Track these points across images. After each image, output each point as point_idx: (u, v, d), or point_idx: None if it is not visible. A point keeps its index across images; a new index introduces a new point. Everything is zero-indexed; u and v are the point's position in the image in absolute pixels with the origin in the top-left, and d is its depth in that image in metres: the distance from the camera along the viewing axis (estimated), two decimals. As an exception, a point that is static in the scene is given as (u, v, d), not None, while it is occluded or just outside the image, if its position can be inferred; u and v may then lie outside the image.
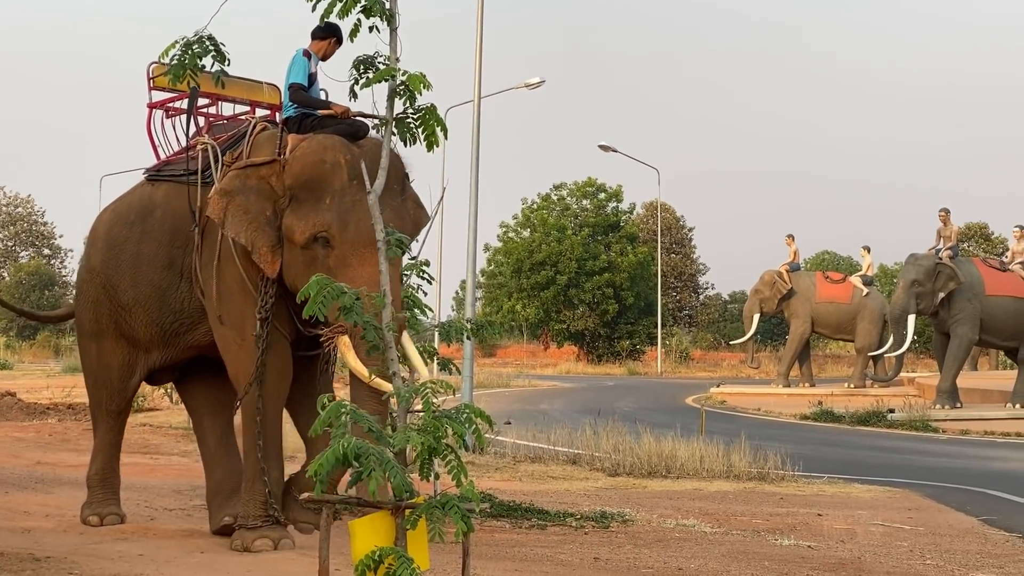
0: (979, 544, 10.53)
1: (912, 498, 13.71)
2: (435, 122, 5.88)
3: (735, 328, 54.35)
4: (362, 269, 8.19)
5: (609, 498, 13.11)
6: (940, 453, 19.32)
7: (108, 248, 9.84)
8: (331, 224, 8.44)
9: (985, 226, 59.85)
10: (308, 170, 8.56)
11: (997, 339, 27.05)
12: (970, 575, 9.00)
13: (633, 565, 9.07)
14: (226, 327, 9.05)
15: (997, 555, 9.94)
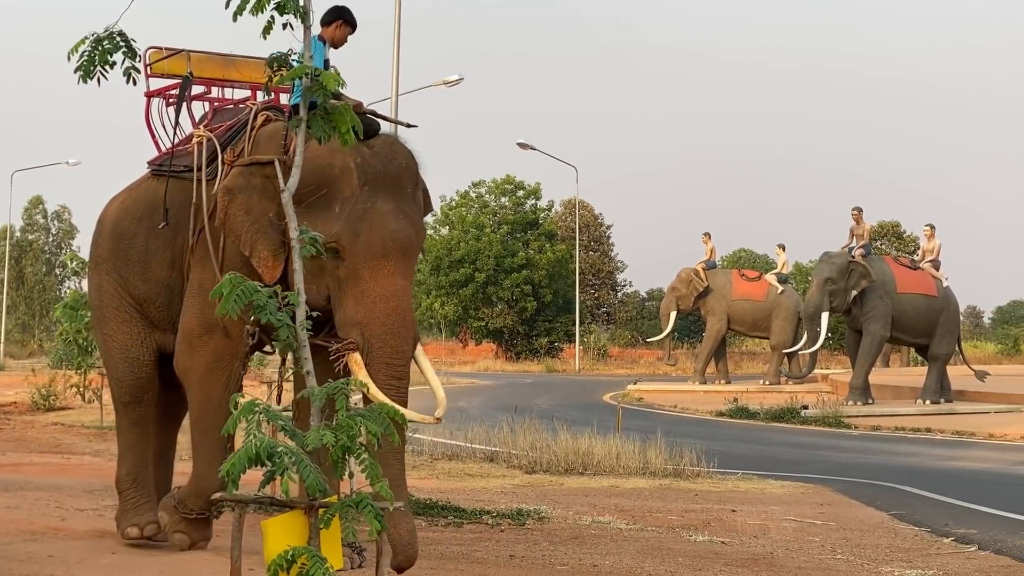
0: (889, 538, 10.67)
1: (824, 493, 13.86)
2: (349, 120, 5.84)
3: (652, 325, 54.61)
4: (374, 282, 7.65)
5: (526, 495, 13.12)
6: (852, 449, 19.53)
7: (116, 240, 9.33)
8: (341, 235, 7.67)
9: (897, 225, 60.49)
10: (316, 175, 7.60)
11: (908, 336, 27.38)
12: (879, 569, 9.09)
13: (548, 562, 9.08)
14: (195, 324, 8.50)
15: (906, 549, 10.07)
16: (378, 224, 7.68)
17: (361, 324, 7.57)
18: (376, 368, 7.48)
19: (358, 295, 7.63)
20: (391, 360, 7.61)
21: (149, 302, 9.13)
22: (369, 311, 7.59)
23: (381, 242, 7.67)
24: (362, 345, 7.51)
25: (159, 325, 9.19)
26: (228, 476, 5.47)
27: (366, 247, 7.67)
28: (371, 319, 7.58)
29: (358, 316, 7.59)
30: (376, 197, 7.75)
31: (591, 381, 41.66)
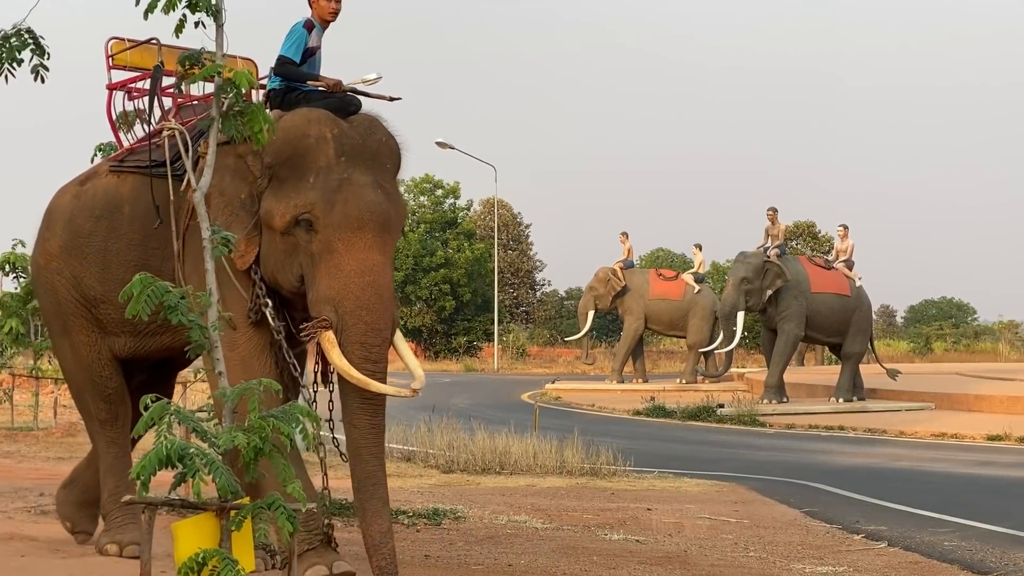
0: (801, 536, 10.74)
1: (739, 491, 13.93)
2: (262, 119, 5.79)
3: (571, 324, 54.71)
4: (349, 255, 7.20)
5: (442, 495, 13.09)
6: (767, 447, 19.69)
7: (70, 237, 8.69)
8: (315, 204, 7.26)
9: (812, 224, 61.00)
10: (290, 146, 7.36)
11: (822, 335, 27.64)
12: (791, 567, 9.14)
13: (464, 562, 9.06)
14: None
15: (818, 546, 10.13)
16: (355, 195, 7.29)
17: (334, 300, 7.17)
18: (350, 348, 7.14)
19: (332, 269, 7.23)
20: (365, 339, 7.20)
21: (106, 303, 8.50)
22: (343, 286, 7.18)
23: (358, 213, 7.27)
24: (335, 323, 7.15)
25: (109, 328, 8.65)
26: (138, 478, 5.43)
27: (341, 218, 7.26)
28: (345, 294, 7.17)
29: (331, 292, 7.19)
30: (354, 169, 7.38)
31: (509, 380, 41.66)
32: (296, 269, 7.40)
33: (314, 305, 7.27)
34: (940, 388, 27.96)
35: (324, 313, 7.17)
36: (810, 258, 30.43)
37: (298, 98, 7.83)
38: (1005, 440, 20.08)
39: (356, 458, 7.36)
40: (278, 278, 7.52)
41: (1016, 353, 55.36)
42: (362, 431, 7.33)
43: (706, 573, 8.72)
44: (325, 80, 7.89)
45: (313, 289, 7.29)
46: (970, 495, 13.81)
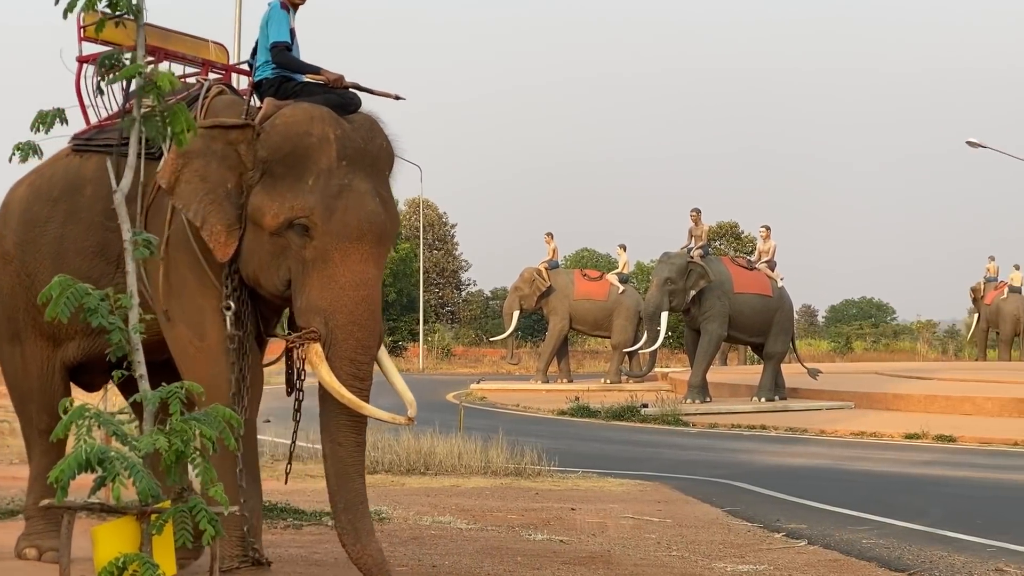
0: (723, 534, 10.79)
1: (662, 491, 13.98)
2: (183, 120, 5.73)
3: (496, 324, 54.58)
4: (345, 267, 6.89)
5: (370, 493, 13.01)
6: (690, 446, 19.77)
7: (25, 229, 8.10)
8: (314, 210, 6.88)
9: (735, 225, 61.32)
10: (290, 142, 6.97)
11: (744, 335, 27.78)
12: (712, 565, 9.18)
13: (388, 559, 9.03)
14: (178, 325, 7.33)
15: (739, 545, 10.19)
16: (355, 204, 6.96)
17: (326, 312, 6.87)
18: (338, 363, 6.88)
19: (325, 280, 6.90)
20: (355, 356, 6.96)
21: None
22: (336, 298, 6.88)
23: (357, 223, 6.94)
24: (324, 336, 6.87)
25: (61, 333, 7.99)
26: (56, 483, 5.36)
27: (340, 227, 6.92)
28: (338, 307, 6.88)
29: (323, 303, 6.89)
30: (354, 175, 7.03)
31: (435, 380, 41.52)
32: (283, 273, 7.07)
33: (302, 314, 6.99)
34: (860, 387, 28.19)
35: (313, 324, 6.90)
36: (733, 259, 30.58)
37: (295, 89, 7.49)
38: (922, 438, 20.27)
39: (343, 477, 7.13)
40: (260, 278, 7.19)
41: (933, 352, 56.01)
42: (348, 449, 7.16)
43: (629, 572, 8.73)
44: (327, 73, 7.50)
45: (302, 297, 6.98)
46: (888, 493, 13.95)
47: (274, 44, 7.46)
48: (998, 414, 23.73)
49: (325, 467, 7.16)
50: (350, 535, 6.99)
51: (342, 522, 7.06)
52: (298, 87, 7.50)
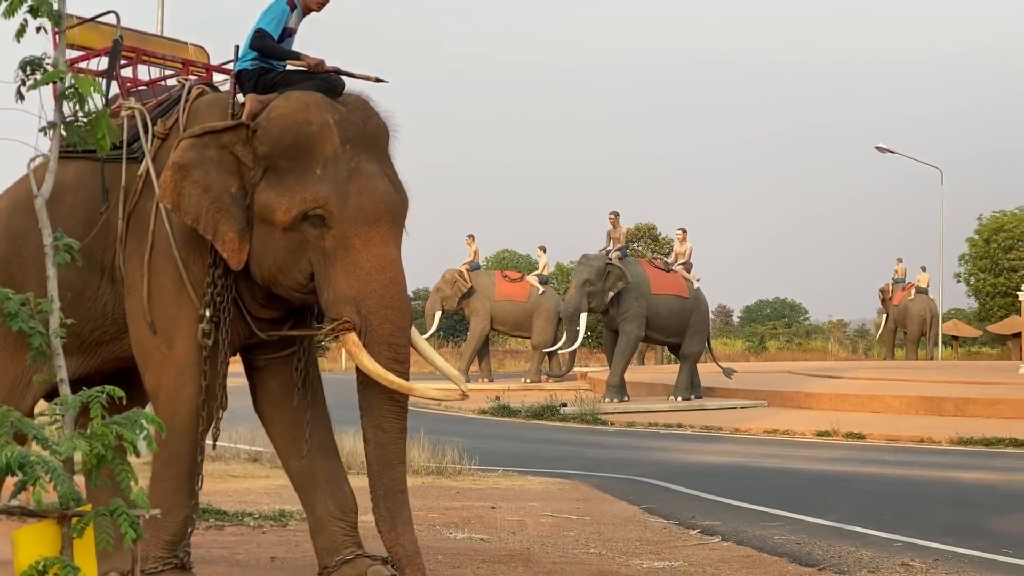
0: (640, 531, 10.82)
1: (581, 488, 14.00)
2: (105, 127, 5.66)
3: (418, 325, 54.25)
4: (367, 251, 6.63)
5: (290, 496, 12.84)
6: (608, 445, 19.86)
7: (9, 241, 7.67)
8: (328, 198, 6.60)
9: (653, 227, 61.53)
10: (290, 133, 6.67)
11: (661, 335, 27.94)
12: (629, 562, 9.20)
13: (310, 563, 8.93)
14: (153, 333, 7.06)
15: (655, 542, 10.22)
16: (367, 186, 6.71)
17: (356, 300, 6.61)
18: (377, 348, 6.62)
19: (350, 267, 6.64)
20: (393, 339, 6.70)
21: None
22: (365, 284, 6.61)
23: (373, 206, 6.69)
24: (359, 324, 6.61)
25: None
26: (-22, 487, 5.29)
27: (357, 212, 6.65)
28: (368, 293, 6.62)
29: (352, 291, 6.62)
30: (360, 157, 6.76)
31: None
32: (304, 267, 6.78)
33: (332, 305, 6.71)
34: (773, 386, 28.50)
35: (345, 314, 6.63)
36: (650, 260, 30.70)
37: (275, 79, 7.16)
38: (833, 436, 20.53)
39: (385, 464, 6.89)
40: (279, 277, 6.88)
41: (844, 351, 56.66)
42: (392, 435, 6.89)
43: (548, 570, 8.73)
44: (307, 59, 7.13)
45: (329, 288, 6.71)
46: (799, 490, 14.11)
47: (255, 31, 7.11)
48: (905, 412, 24.06)
49: (367, 453, 6.91)
50: (386, 522, 6.84)
51: (380, 509, 6.87)
52: (278, 76, 7.17)
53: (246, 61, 7.19)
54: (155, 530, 6.84)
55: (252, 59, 7.14)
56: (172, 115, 7.29)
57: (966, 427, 21.10)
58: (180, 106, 7.28)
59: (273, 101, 6.86)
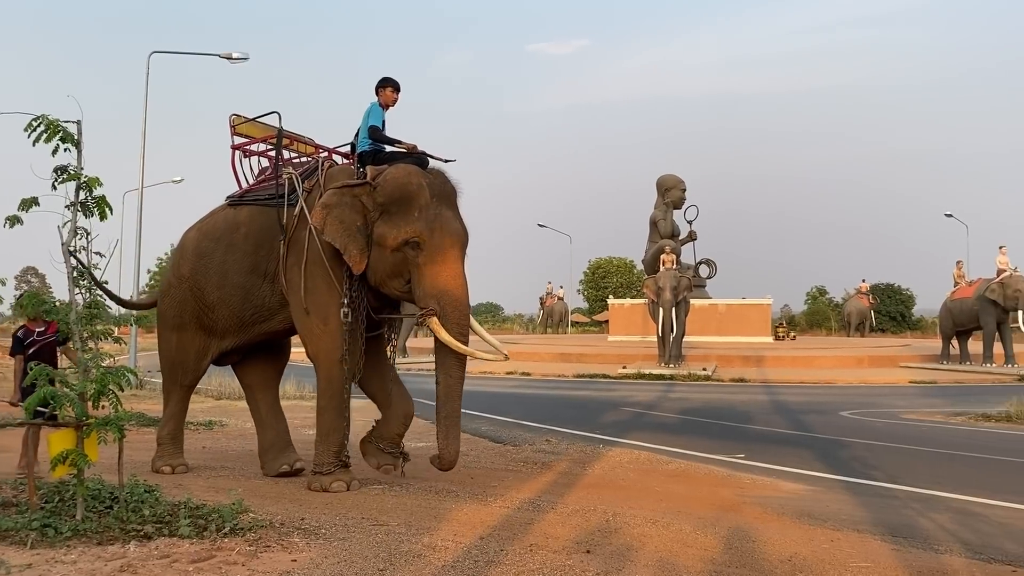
0: (413, 425, 10.74)
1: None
2: (105, 205, 5.46)
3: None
4: (445, 266, 6.19)
5: (214, 412, 12.52)
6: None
7: (197, 259, 7.17)
8: (422, 231, 6.17)
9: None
10: (400, 190, 6.24)
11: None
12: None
13: (225, 449, 8.75)
14: (311, 316, 6.49)
15: (419, 432, 10.16)
16: (446, 224, 6.23)
17: (438, 296, 6.14)
18: (449, 327, 6.12)
19: (434, 275, 6.17)
20: (459, 320, 6.17)
21: (222, 303, 7.00)
22: (444, 286, 6.16)
23: (449, 236, 6.22)
24: (439, 311, 6.11)
25: (218, 327, 7.10)
26: (27, 408, 5.05)
27: (440, 239, 6.19)
28: (446, 292, 6.15)
29: (435, 290, 6.15)
30: (441, 207, 6.28)
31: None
32: (405, 276, 6.29)
33: (422, 299, 6.20)
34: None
35: (431, 305, 6.14)
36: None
37: (385, 158, 6.67)
38: (513, 374, 20.55)
39: (448, 397, 6.21)
40: (387, 282, 6.38)
41: (523, 329, 56.73)
42: (456, 378, 6.23)
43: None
44: (405, 144, 6.66)
45: (420, 288, 6.21)
46: (499, 404, 14.09)
47: (371, 127, 6.66)
48: (551, 360, 24.40)
49: (437, 390, 6.22)
50: (443, 436, 6.17)
51: (441, 427, 6.18)
52: (387, 155, 6.70)
53: (364, 145, 6.68)
54: (326, 444, 6.46)
55: (369, 145, 6.66)
56: (313, 178, 6.83)
57: (581, 369, 21.76)
58: (318, 173, 6.84)
59: (387, 169, 6.46)
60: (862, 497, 6.64)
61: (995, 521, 5.78)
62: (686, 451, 8.99)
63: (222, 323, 7.05)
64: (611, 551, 4.87)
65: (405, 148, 6.62)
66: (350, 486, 6.42)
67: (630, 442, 9.62)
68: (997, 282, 22.24)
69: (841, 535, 5.34)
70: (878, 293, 44.85)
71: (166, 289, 7.44)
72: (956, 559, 4.83)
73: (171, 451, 7.26)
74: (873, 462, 8.34)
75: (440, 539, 5.03)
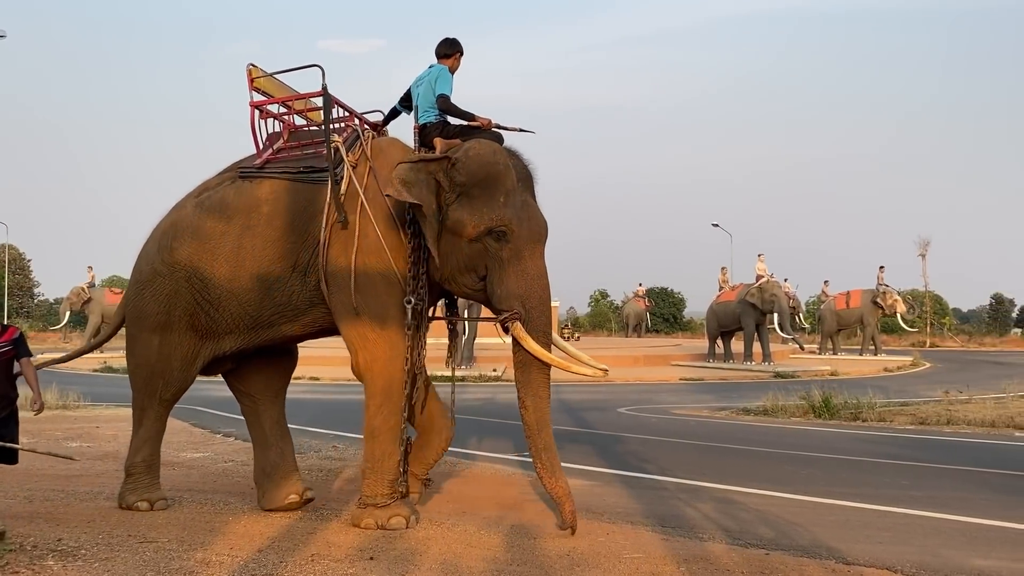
0: (187, 436, 10.16)
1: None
2: None
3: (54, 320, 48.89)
4: (532, 261, 5.32)
5: None
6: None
7: (199, 242, 5.74)
8: (511, 220, 5.24)
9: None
10: (484, 169, 5.23)
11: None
12: (179, 455, 8.67)
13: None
14: (363, 317, 5.38)
15: (196, 442, 9.64)
16: (534, 214, 5.39)
17: (523, 297, 5.27)
18: (535, 335, 5.27)
19: (520, 272, 5.28)
20: (545, 328, 5.33)
21: (232, 298, 5.68)
22: (529, 286, 5.29)
23: (538, 228, 5.38)
24: (523, 315, 5.26)
25: (215, 330, 5.79)
26: None
27: (528, 232, 5.32)
28: (531, 293, 5.29)
29: (520, 290, 5.27)
30: (526, 192, 5.44)
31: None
32: (480, 270, 5.36)
33: (503, 300, 5.30)
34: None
35: (514, 306, 5.27)
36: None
37: (455, 131, 5.68)
38: (302, 379, 20.13)
39: (542, 424, 5.36)
40: (458, 277, 5.42)
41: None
42: (545, 401, 5.39)
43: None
44: (481, 119, 5.66)
45: (502, 287, 5.30)
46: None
47: (441, 96, 5.63)
48: (340, 365, 23.88)
49: (525, 415, 5.36)
50: (547, 471, 5.34)
51: (542, 460, 5.34)
52: (457, 129, 5.70)
53: (430, 116, 5.70)
54: (379, 473, 5.42)
55: (435, 115, 5.69)
56: (356, 149, 5.68)
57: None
58: (359, 143, 5.72)
59: (466, 144, 5.40)
60: (636, 490, 6.97)
61: (752, 508, 6.24)
62: (474, 451, 9.09)
63: (226, 322, 5.76)
64: (395, 556, 4.82)
65: (479, 123, 5.69)
66: (410, 521, 5.43)
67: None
68: (756, 287, 24.33)
69: (616, 528, 5.57)
70: (653, 296, 47.76)
71: (146, 281, 5.96)
72: (718, 545, 5.16)
73: (146, 482, 5.95)
74: (647, 456, 8.80)
75: (215, 554, 4.78)
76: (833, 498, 6.58)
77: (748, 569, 4.65)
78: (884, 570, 4.67)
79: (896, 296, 28.78)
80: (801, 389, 13.67)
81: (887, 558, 4.89)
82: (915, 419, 12.06)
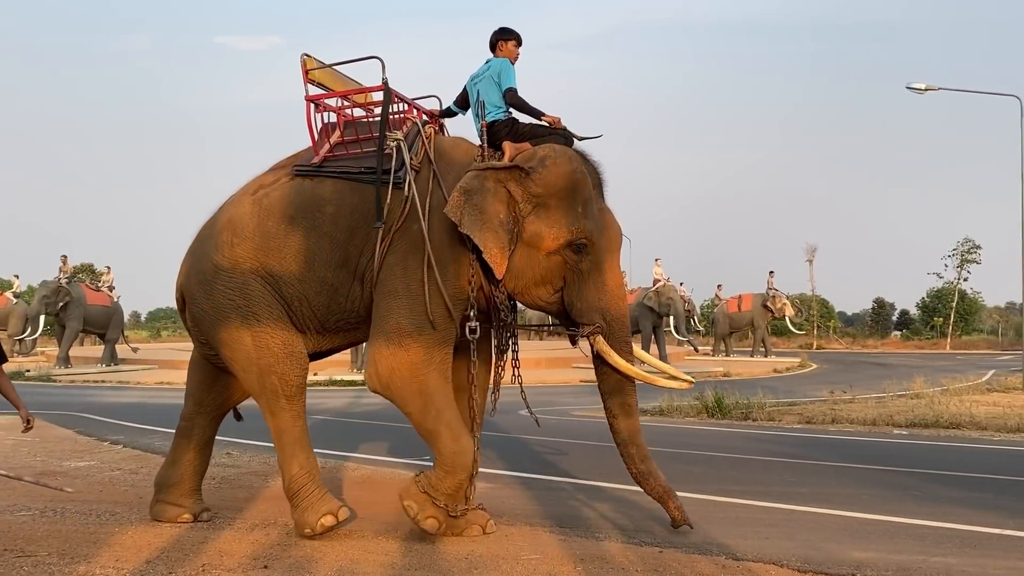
0: (72, 444, 9.75)
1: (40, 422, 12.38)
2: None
3: None
4: (611, 273, 5.12)
5: None
6: (59, 394, 17.73)
7: (263, 239, 5.26)
8: (592, 232, 5.01)
9: (92, 264, 55.00)
10: (562, 180, 4.96)
11: (95, 328, 25.71)
12: (63, 463, 8.30)
13: None
14: (403, 328, 4.98)
15: (81, 450, 9.27)
16: (611, 223, 5.18)
17: (603, 310, 5.06)
18: (616, 347, 5.09)
19: (599, 284, 5.07)
20: (625, 340, 5.14)
21: (303, 300, 5.28)
22: (610, 299, 5.09)
23: (616, 239, 5.19)
24: (604, 328, 5.06)
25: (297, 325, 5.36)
26: None
27: (607, 243, 5.10)
28: (611, 306, 5.09)
29: (600, 303, 5.06)
30: (600, 199, 5.19)
31: None
32: (556, 283, 5.12)
33: (584, 313, 5.08)
34: (161, 356, 26.91)
35: (595, 320, 5.06)
36: (88, 285, 27.89)
37: (524, 131, 5.35)
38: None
39: (634, 434, 5.28)
40: (532, 290, 5.15)
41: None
42: (635, 411, 5.28)
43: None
44: (549, 117, 5.30)
45: (582, 300, 5.07)
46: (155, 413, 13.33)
47: (509, 89, 5.32)
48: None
49: (616, 426, 5.26)
50: (648, 479, 5.29)
51: (639, 467, 5.28)
52: (527, 128, 5.38)
53: (498, 113, 5.38)
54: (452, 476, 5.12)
55: (503, 112, 5.37)
56: (419, 150, 5.30)
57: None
58: (419, 139, 5.35)
59: (539, 152, 5.11)
60: (535, 491, 7.04)
61: (646, 507, 6.37)
62: (374, 456, 9.01)
63: (299, 323, 5.38)
64: (290, 564, 4.73)
65: (548, 121, 5.34)
66: (486, 528, 5.38)
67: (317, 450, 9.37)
68: (653, 291, 24.93)
69: (515, 529, 5.61)
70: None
71: (210, 279, 5.40)
72: (614, 544, 5.26)
73: (318, 494, 5.35)
74: (547, 458, 8.89)
75: (99, 567, 4.59)
76: (724, 496, 6.78)
77: (643, 567, 4.75)
78: (771, 564, 4.84)
79: (785, 300, 29.97)
80: (695, 390, 14.05)
81: (774, 553, 5.08)
82: (802, 418, 12.57)
